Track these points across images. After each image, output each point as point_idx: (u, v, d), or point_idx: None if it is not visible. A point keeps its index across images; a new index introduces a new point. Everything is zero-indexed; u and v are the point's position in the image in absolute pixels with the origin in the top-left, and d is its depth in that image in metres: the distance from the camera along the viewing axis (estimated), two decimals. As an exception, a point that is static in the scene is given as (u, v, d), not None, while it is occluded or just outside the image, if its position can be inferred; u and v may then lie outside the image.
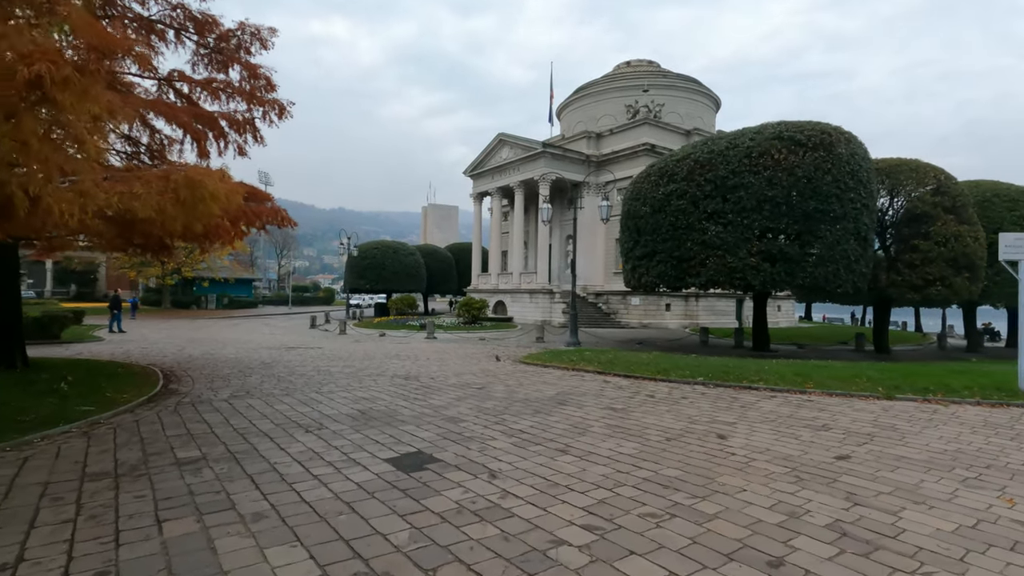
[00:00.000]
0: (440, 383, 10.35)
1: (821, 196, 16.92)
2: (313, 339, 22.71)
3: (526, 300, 35.28)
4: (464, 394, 9.04)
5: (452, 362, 14.42)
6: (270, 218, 11.77)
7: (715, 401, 8.53)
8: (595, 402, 8.41)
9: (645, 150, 33.25)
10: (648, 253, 19.90)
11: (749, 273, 17.36)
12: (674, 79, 40.53)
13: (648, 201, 19.72)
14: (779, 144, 17.43)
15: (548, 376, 11.54)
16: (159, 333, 24.39)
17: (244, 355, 15.38)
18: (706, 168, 18.22)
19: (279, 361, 13.92)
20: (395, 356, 15.80)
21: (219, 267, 53.49)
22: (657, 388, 9.87)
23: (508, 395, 8.98)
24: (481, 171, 39.81)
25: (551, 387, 9.91)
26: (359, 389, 9.52)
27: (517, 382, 10.54)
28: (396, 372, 12.02)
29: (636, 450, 5.60)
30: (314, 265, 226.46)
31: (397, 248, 47.23)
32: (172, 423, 6.66)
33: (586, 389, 9.71)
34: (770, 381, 9.97)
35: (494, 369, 12.86)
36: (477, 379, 10.99)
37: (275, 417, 7.10)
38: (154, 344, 18.81)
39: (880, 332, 22.73)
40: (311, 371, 11.95)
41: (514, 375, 11.73)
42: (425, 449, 5.59)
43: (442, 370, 12.50)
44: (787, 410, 7.78)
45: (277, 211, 11.87)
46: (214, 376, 10.94)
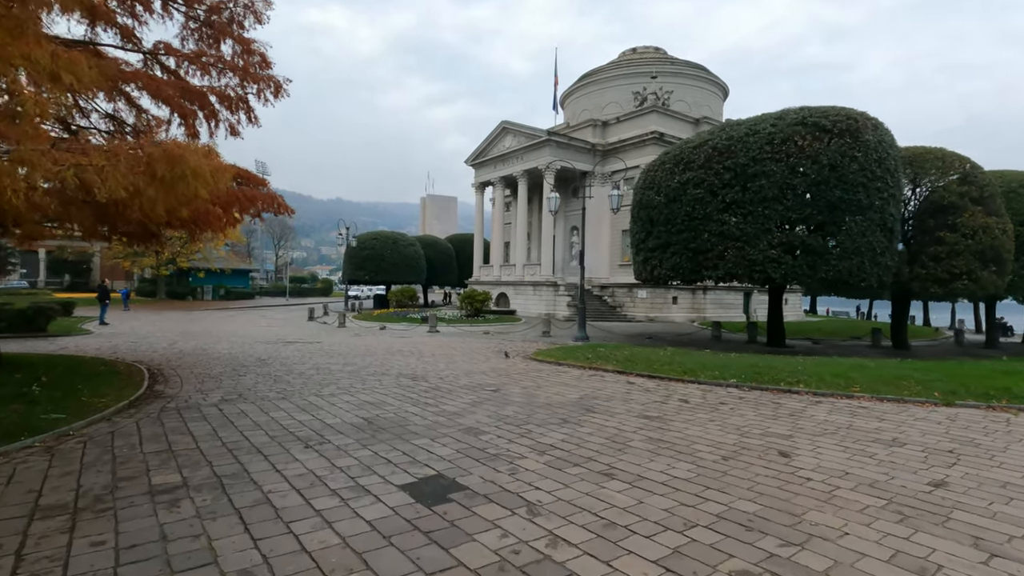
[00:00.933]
0: (450, 384, 9.52)
1: (847, 185, 16.08)
2: (311, 332, 21.87)
3: (529, 292, 34.44)
4: (479, 398, 8.22)
5: (459, 359, 13.59)
6: (266, 205, 10.91)
7: (757, 407, 7.72)
8: (625, 408, 7.59)
9: (654, 139, 32.30)
10: (661, 245, 19.06)
11: (769, 266, 16.54)
12: (682, 66, 39.50)
13: (662, 190, 18.85)
14: (803, 130, 16.55)
15: (565, 376, 10.72)
16: (151, 325, 23.51)
17: (239, 351, 14.53)
18: (725, 155, 17.33)
19: (276, 358, 13.08)
20: (398, 352, 14.97)
21: (215, 258, 52.50)
22: (688, 391, 9.06)
23: (528, 399, 8.16)
24: (483, 160, 38.82)
25: (572, 389, 9.09)
26: (363, 391, 8.69)
27: (534, 383, 9.73)
28: (401, 371, 11.19)
29: (692, 472, 4.78)
30: (311, 256, 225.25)
31: (397, 239, 46.29)
32: (152, 435, 5.82)
33: (611, 392, 8.89)
34: (810, 384, 9.16)
35: (505, 367, 12.04)
36: (489, 379, 10.17)
37: (270, 427, 6.27)
38: (144, 338, 17.94)
39: (899, 327, 21.97)
40: (310, 369, 11.11)
41: (528, 374, 10.91)
42: (446, 471, 4.76)
43: (450, 368, 11.68)
44: (842, 419, 6.97)
45: (273, 197, 11.00)
46: (205, 375, 10.09)
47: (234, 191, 9.31)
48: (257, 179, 11.06)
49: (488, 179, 38.73)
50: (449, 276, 54.02)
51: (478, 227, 41.68)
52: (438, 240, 56.03)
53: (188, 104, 9.16)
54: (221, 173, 6.13)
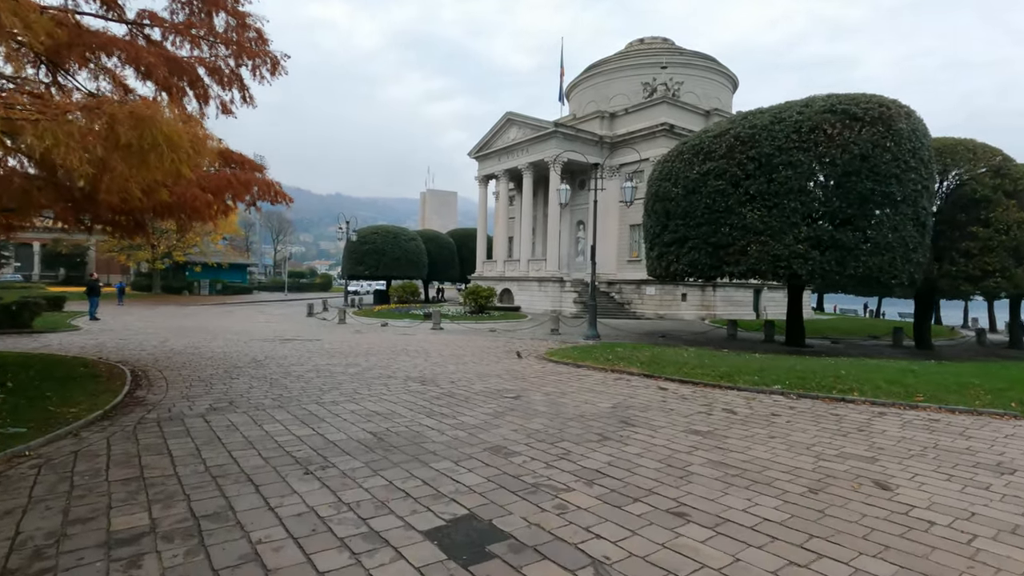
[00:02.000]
0: (465, 390, 8.61)
1: (878, 176, 15.16)
2: (310, 329, 20.95)
3: (534, 288, 33.52)
4: (500, 407, 7.31)
5: (469, 359, 12.69)
6: (262, 192, 9.96)
7: (817, 420, 6.82)
8: (667, 420, 6.69)
9: (664, 131, 31.32)
10: (678, 239, 18.14)
11: (795, 262, 15.63)
12: (691, 57, 38.48)
13: (680, 181, 17.91)
14: (832, 118, 15.61)
15: (588, 380, 9.82)
16: (143, 321, 22.57)
17: (233, 349, 13.60)
18: (748, 145, 16.40)
19: (273, 357, 12.16)
20: (403, 351, 14.06)
21: (212, 251, 51.57)
22: (729, 399, 8.16)
23: (554, 409, 7.25)
24: (487, 152, 37.81)
25: (601, 397, 8.19)
26: (369, 398, 7.78)
27: (557, 389, 8.82)
28: (409, 373, 10.28)
29: (782, 512, 3.88)
30: (310, 251, 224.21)
31: (398, 233, 45.39)
32: (123, 456, 4.91)
33: (645, 400, 7.99)
34: (864, 391, 8.27)
35: (520, 369, 11.14)
36: (506, 383, 9.27)
37: (264, 445, 5.36)
38: (134, 335, 17.00)
39: (922, 327, 21.10)
40: (309, 372, 10.20)
41: (547, 378, 10.00)
42: (479, 510, 3.86)
43: (461, 370, 10.77)
44: (922, 436, 6.08)
45: (270, 184, 10.06)
46: (194, 378, 9.16)
47: (226, 175, 8.38)
48: (252, 164, 10.09)
49: (492, 172, 37.73)
50: (451, 271, 53.12)
51: (481, 221, 40.72)
52: (439, 235, 55.09)
53: (174, 78, 8.21)
54: (200, 144, 5.18)
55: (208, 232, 47.63)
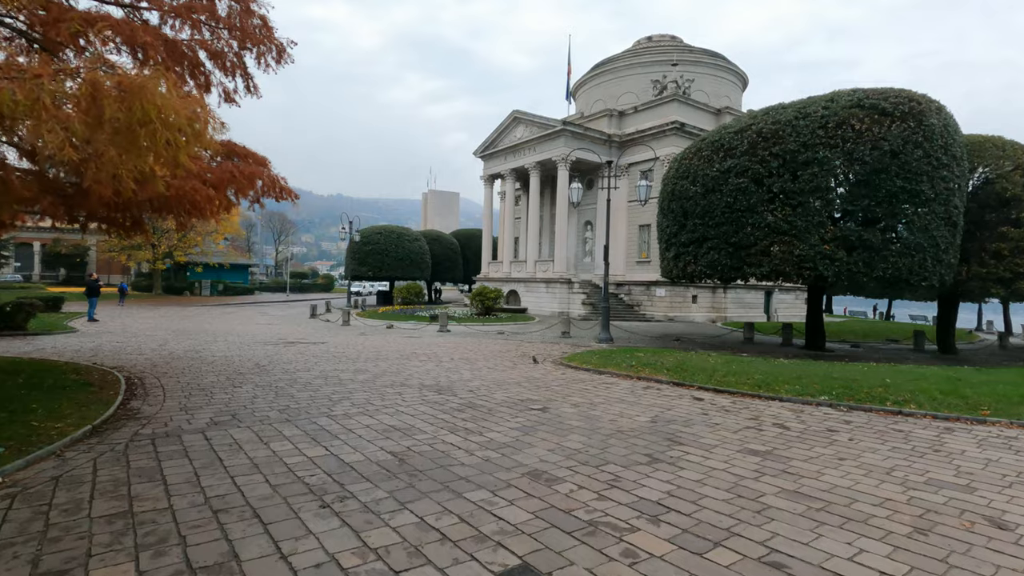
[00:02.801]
0: (486, 400, 7.97)
1: (909, 174, 14.50)
2: (315, 331, 20.32)
3: (542, 290, 32.88)
4: (528, 421, 6.66)
5: (483, 365, 12.05)
6: (267, 188, 9.33)
7: (881, 437, 6.17)
8: (716, 438, 6.04)
9: (674, 129, 30.68)
10: (697, 239, 17.49)
11: (821, 263, 14.97)
12: (700, 54, 37.83)
13: (699, 179, 17.26)
14: (860, 113, 14.96)
15: (616, 389, 9.17)
16: (143, 323, 21.94)
17: (236, 353, 12.97)
18: (771, 141, 15.75)
19: (277, 362, 11.52)
20: (412, 355, 13.43)
21: (213, 252, 51.02)
22: (775, 411, 7.50)
23: (588, 424, 6.60)
24: (493, 151, 37.17)
25: (635, 409, 7.54)
26: (384, 410, 7.13)
27: (585, 399, 8.17)
28: (422, 380, 9.63)
29: (899, 564, 3.22)
30: (311, 251, 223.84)
31: (401, 233, 44.76)
32: (110, 484, 4.27)
33: (684, 412, 7.34)
34: (921, 403, 7.61)
35: (540, 376, 10.49)
36: (528, 392, 8.63)
37: (272, 469, 4.71)
38: (133, 337, 16.38)
39: (946, 331, 20.41)
40: (317, 378, 9.56)
41: (571, 386, 9.36)
42: (533, 558, 3.21)
43: (477, 377, 10.13)
44: (1008, 458, 5.42)
45: (275, 180, 9.43)
46: (194, 386, 8.53)
47: (229, 167, 7.75)
48: (257, 157, 9.47)
49: (498, 171, 37.09)
50: (454, 272, 52.51)
51: (486, 222, 40.06)
52: (443, 235, 54.46)
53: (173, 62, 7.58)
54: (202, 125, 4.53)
55: (210, 232, 47.12)
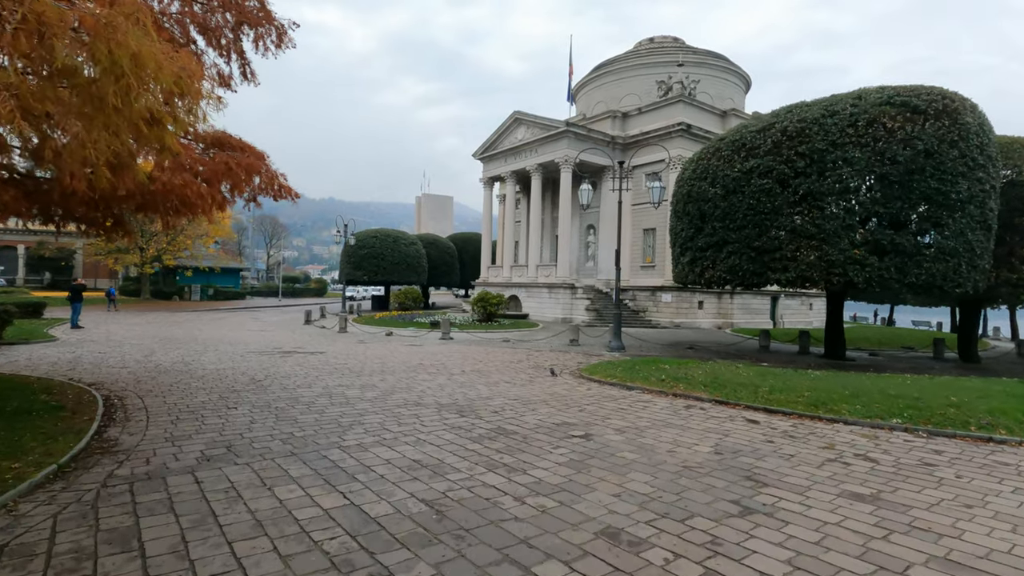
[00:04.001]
0: (515, 424, 7.03)
1: (944, 175, 13.75)
2: (311, 339, 19.28)
3: (544, 295, 31.97)
4: (574, 453, 5.73)
5: (497, 377, 11.10)
6: (265, 184, 8.38)
7: (988, 472, 5.29)
8: (801, 475, 5.13)
9: (680, 130, 29.94)
10: (716, 243, 16.65)
11: (851, 268, 14.17)
12: (703, 55, 37.18)
13: (719, 180, 16.44)
14: (891, 110, 14.20)
15: (653, 409, 8.25)
16: (130, 330, 20.80)
17: (228, 365, 11.94)
18: (797, 139, 14.95)
19: (274, 376, 10.51)
20: (419, 366, 12.46)
21: (204, 255, 49.68)
22: (847, 438, 6.61)
23: (645, 456, 5.67)
24: (493, 153, 36.28)
25: (688, 435, 6.62)
26: (403, 439, 6.17)
27: (626, 422, 7.25)
28: (438, 398, 8.68)
29: None
30: (303, 255, 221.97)
31: (397, 237, 43.67)
32: (70, 559, 3.28)
33: (745, 440, 6.43)
34: (1009, 428, 6.75)
35: (564, 392, 9.57)
36: (561, 414, 7.69)
37: (280, 529, 3.75)
38: (118, 346, 15.28)
39: (968, 338, 19.70)
40: (320, 396, 8.57)
41: (604, 405, 8.43)
42: None
43: (496, 394, 9.19)
44: None
45: (273, 176, 8.49)
46: (181, 408, 7.52)
47: (223, 158, 6.80)
48: (254, 150, 8.49)
49: (498, 173, 36.19)
50: (451, 277, 51.47)
51: (486, 225, 39.13)
52: (439, 239, 53.43)
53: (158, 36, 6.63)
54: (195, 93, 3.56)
55: (200, 235, 45.88)
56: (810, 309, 37.95)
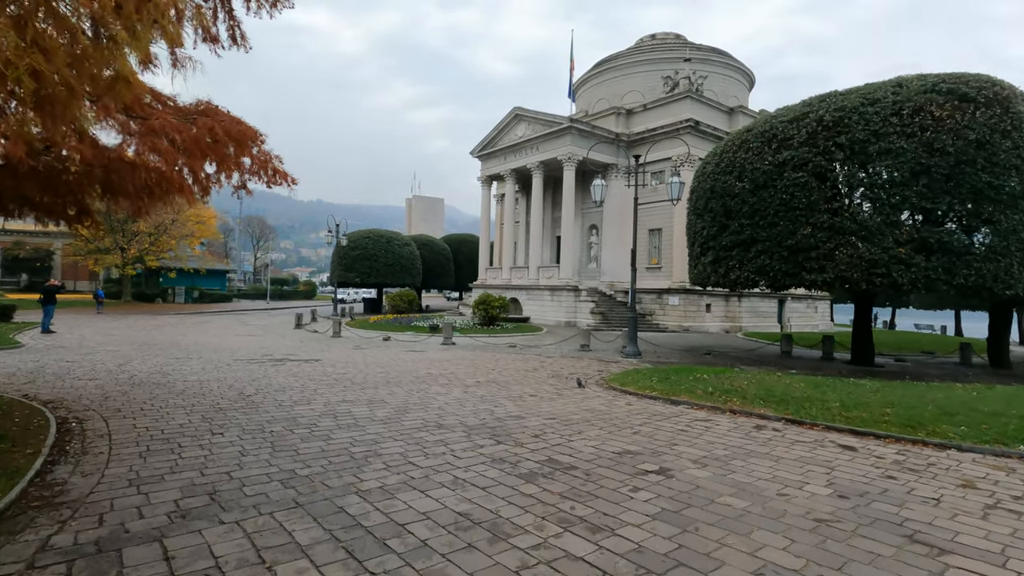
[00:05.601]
0: (565, 452, 5.74)
1: (996, 167, 12.71)
2: (303, 344, 17.85)
3: (546, 298, 30.72)
4: (661, 499, 4.46)
5: (519, 389, 9.82)
6: (258, 166, 7.06)
7: None
8: (979, 534, 3.90)
9: (688, 127, 28.87)
10: (743, 242, 15.50)
11: (895, 268, 13.08)
12: (707, 52, 36.21)
13: (747, 174, 15.30)
14: (938, 98, 13.15)
15: (718, 430, 7.01)
16: (106, 334, 19.23)
17: (213, 376, 10.53)
18: (835, 130, 13.85)
19: (266, 390, 9.13)
20: (427, 376, 11.14)
21: (189, 256, 47.80)
22: (979, 470, 5.41)
23: (754, 502, 4.42)
24: (492, 151, 35.01)
25: (785, 469, 5.38)
26: (435, 477, 4.87)
27: (699, 449, 5.99)
28: (461, 417, 7.37)
29: None
30: (290, 258, 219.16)
31: (391, 238, 42.25)
32: None
33: (859, 475, 5.20)
34: None
35: (603, 408, 8.31)
36: (614, 438, 6.42)
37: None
38: (89, 354, 13.77)
39: (999, 343, 18.73)
40: (323, 416, 7.23)
41: (658, 426, 7.18)
42: None
43: (525, 410, 7.91)
44: None
45: (267, 159, 7.17)
46: (155, 433, 6.14)
47: (207, 123, 5.46)
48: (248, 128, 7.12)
49: (497, 172, 34.92)
50: (446, 279, 50.09)
51: (484, 225, 37.84)
52: (433, 240, 52.06)
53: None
54: None
55: (185, 236, 44.03)
56: (816, 312, 37.09)
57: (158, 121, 4.89)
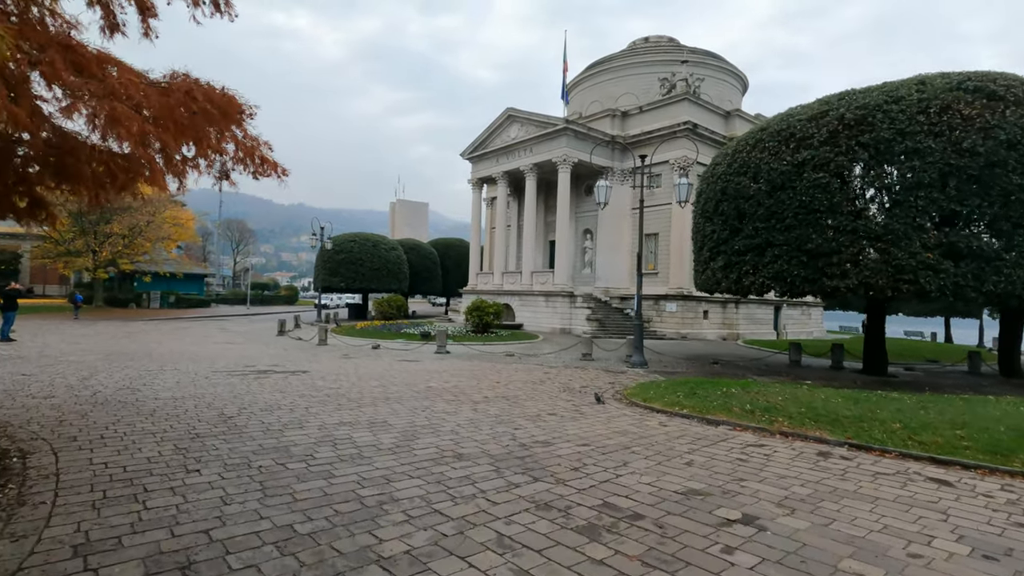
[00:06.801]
0: (620, 492, 4.77)
1: (1028, 169, 12.12)
2: (288, 353, 16.64)
3: (540, 304, 29.77)
4: (768, 569, 3.50)
5: (533, 407, 8.83)
6: (245, 154, 6.00)
7: None
8: None
9: (686, 130, 28.24)
10: (757, 246, 14.74)
11: (923, 274, 12.38)
12: (702, 55, 35.76)
13: (763, 175, 14.55)
14: (966, 96, 12.53)
15: (780, 457, 6.09)
16: (72, 343, 17.79)
17: (189, 391, 9.36)
18: (857, 128, 13.16)
19: (251, 409, 8.00)
20: (428, 391, 10.09)
21: (165, 260, 45.90)
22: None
23: (894, 569, 3.48)
24: (483, 153, 34.05)
25: (895, 515, 4.46)
26: (475, 535, 3.85)
27: (775, 486, 5.05)
28: (481, 443, 6.35)
29: None
30: (270, 262, 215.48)
31: (377, 241, 41.05)
32: None
33: (991, 526, 4.31)
34: None
35: (634, 429, 7.35)
36: (667, 471, 5.47)
37: None
38: (50, 365, 12.45)
39: (1010, 351, 18.22)
40: (320, 444, 6.15)
41: (709, 452, 6.24)
42: None
43: (550, 433, 6.93)
44: None
45: (255, 145, 6.10)
46: (115, 472, 5.03)
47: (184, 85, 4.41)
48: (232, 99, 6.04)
49: (489, 174, 33.96)
50: (433, 284, 48.94)
51: (475, 229, 36.83)
52: (420, 244, 50.91)
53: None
54: None
55: (162, 238, 42.20)
56: (809, 319, 36.72)
57: (121, 81, 3.84)
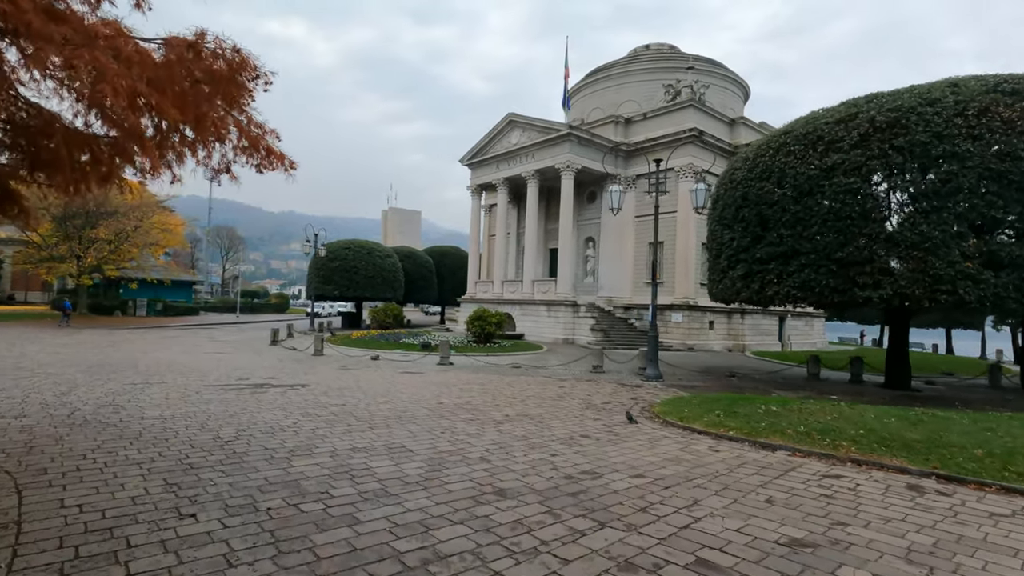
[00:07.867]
0: (708, 544, 3.94)
1: (1072, 175, 11.54)
2: (283, 365, 15.66)
3: (542, 313, 28.94)
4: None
5: (561, 428, 7.99)
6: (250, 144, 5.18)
7: None
8: None
9: (692, 137, 27.70)
10: (782, 254, 14.04)
11: (962, 284, 11.72)
12: (705, 63, 35.35)
13: (788, 180, 13.88)
14: (1005, 99, 11.96)
15: (870, 493, 5.30)
16: (52, 353, 16.68)
17: (179, 410, 8.40)
18: (890, 132, 12.53)
19: (250, 430, 7.08)
20: (441, 408, 9.21)
21: (152, 266, 44.53)
22: None
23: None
24: (483, 159, 33.31)
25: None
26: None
27: (890, 537, 4.24)
28: (521, 475, 5.50)
29: None
30: (260, 270, 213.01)
31: (372, 249, 40.06)
32: None
33: None
34: None
35: (683, 455, 6.53)
36: (750, 513, 4.64)
37: None
38: (26, 377, 11.41)
39: (1034, 365, 17.70)
40: (337, 479, 5.26)
41: (778, 484, 5.43)
42: None
43: (593, 461, 6.09)
44: None
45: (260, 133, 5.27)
46: (90, 517, 4.11)
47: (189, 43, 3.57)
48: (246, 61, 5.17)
49: (489, 180, 33.20)
50: (428, 292, 47.96)
51: (474, 237, 36.01)
52: (416, 252, 49.97)
53: None
54: None
55: (149, 244, 40.91)
56: (812, 330, 36.19)
57: (106, 29, 3.00)
